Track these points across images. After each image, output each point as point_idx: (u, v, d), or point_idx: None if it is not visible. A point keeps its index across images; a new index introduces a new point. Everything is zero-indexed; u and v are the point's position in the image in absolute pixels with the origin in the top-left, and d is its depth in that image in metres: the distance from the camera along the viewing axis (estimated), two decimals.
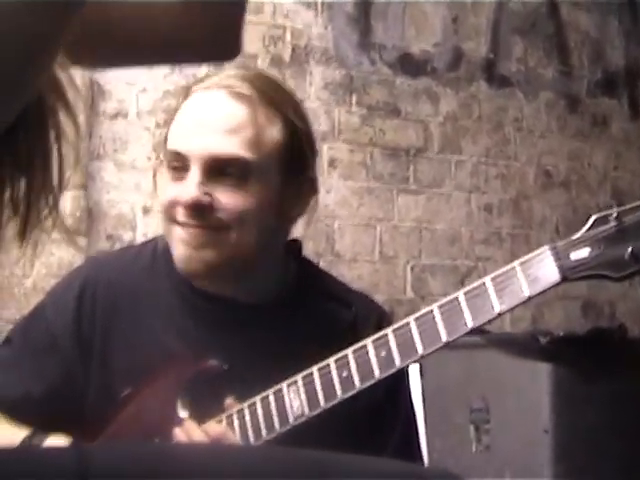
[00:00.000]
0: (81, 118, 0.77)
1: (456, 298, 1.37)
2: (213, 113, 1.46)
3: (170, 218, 1.48)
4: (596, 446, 2.69)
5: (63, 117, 0.74)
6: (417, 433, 1.65)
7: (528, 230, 3.99)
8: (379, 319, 1.60)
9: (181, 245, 1.47)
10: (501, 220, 3.93)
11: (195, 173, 1.44)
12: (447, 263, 3.78)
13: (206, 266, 1.47)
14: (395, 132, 3.72)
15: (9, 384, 1.57)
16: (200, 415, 1.50)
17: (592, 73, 4.21)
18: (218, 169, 1.44)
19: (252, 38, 3.39)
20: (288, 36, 3.52)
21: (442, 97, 3.84)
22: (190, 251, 1.46)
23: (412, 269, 3.69)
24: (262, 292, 1.54)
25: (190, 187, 1.44)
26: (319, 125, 3.51)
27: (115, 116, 3.19)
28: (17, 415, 1.52)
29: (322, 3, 3.60)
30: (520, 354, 2.78)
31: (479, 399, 2.87)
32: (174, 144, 1.47)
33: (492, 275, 1.36)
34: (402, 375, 1.56)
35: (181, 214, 1.46)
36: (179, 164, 1.46)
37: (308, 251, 1.68)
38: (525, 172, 4.02)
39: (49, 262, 2.80)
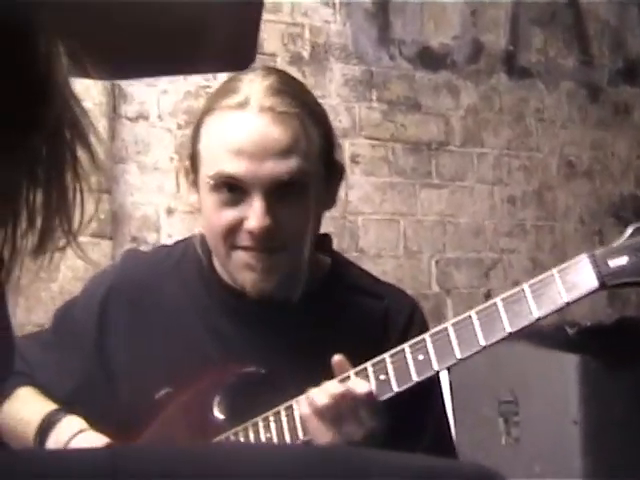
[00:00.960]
0: (100, 150, 0.78)
1: (494, 304, 1.38)
2: (265, 136, 1.44)
3: (229, 243, 1.48)
4: (626, 436, 2.68)
5: (80, 152, 0.75)
6: (449, 428, 1.66)
7: (552, 221, 3.98)
8: (411, 311, 1.60)
9: (247, 270, 1.48)
10: (525, 212, 3.91)
11: (259, 199, 1.43)
12: (471, 256, 3.78)
13: (273, 287, 1.48)
14: (416, 127, 3.71)
15: (43, 367, 1.61)
16: (236, 416, 1.50)
17: (613, 62, 4.18)
18: (280, 191, 1.44)
19: (271, 36, 3.39)
20: (307, 34, 3.52)
21: (462, 90, 3.83)
22: (257, 275, 1.47)
23: (436, 263, 3.69)
24: (295, 288, 1.54)
25: (256, 214, 1.43)
26: (340, 122, 3.51)
27: (137, 118, 3.20)
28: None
29: (340, 0, 3.60)
30: (547, 345, 2.77)
31: (507, 391, 2.86)
32: (227, 169, 1.44)
33: (530, 282, 1.37)
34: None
35: (245, 239, 1.46)
36: (233, 189, 1.45)
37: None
38: (548, 163, 4.00)
39: (75, 265, 2.81)
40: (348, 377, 1.42)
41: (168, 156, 3.22)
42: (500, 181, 3.87)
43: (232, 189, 1.45)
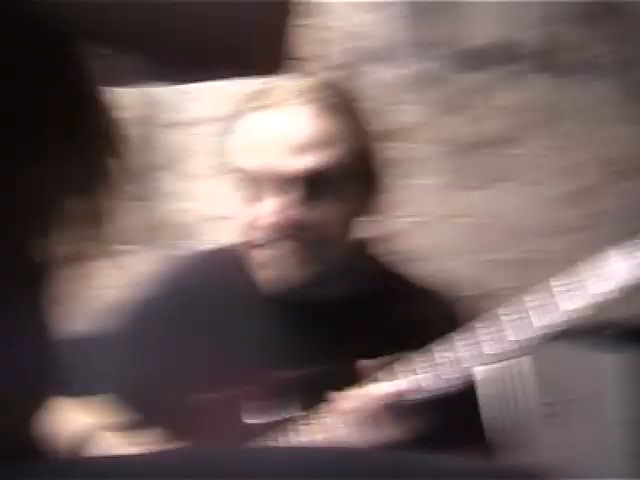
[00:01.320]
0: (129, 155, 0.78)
1: (525, 301, 1.38)
2: (283, 133, 1.45)
3: (252, 240, 1.49)
4: None
5: (113, 161, 0.76)
6: (482, 426, 1.65)
7: (590, 221, 3.94)
8: (451, 313, 1.60)
9: (267, 267, 1.48)
10: (563, 212, 3.88)
11: (275, 196, 1.44)
12: (509, 257, 3.75)
13: (295, 285, 1.49)
14: (453, 128, 3.70)
15: (83, 372, 1.62)
16: (272, 419, 1.50)
17: None
18: (298, 189, 1.45)
19: (302, 41, 3.39)
20: (339, 37, 3.52)
21: (498, 91, 3.81)
22: (277, 272, 1.48)
23: (473, 265, 3.67)
24: (335, 292, 1.54)
25: (273, 211, 1.44)
26: (376, 125, 3.50)
27: (172, 125, 3.21)
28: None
29: (372, 3, 3.60)
30: (589, 346, 2.75)
31: (546, 394, 2.84)
32: (245, 165, 1.46)
33: (562, 277, 1.37)
34: None
35: (264, 236, 1.47)
36: (255, 186, 1.46)
37: None
38: (587, 162, 3.97)
39: (110, 274, 2.82)
40: (379, 379, 1.42)
41: (204, 163, 3.23)
42: (537, 182, 3.85)
43: (254, 186, 1.46)
